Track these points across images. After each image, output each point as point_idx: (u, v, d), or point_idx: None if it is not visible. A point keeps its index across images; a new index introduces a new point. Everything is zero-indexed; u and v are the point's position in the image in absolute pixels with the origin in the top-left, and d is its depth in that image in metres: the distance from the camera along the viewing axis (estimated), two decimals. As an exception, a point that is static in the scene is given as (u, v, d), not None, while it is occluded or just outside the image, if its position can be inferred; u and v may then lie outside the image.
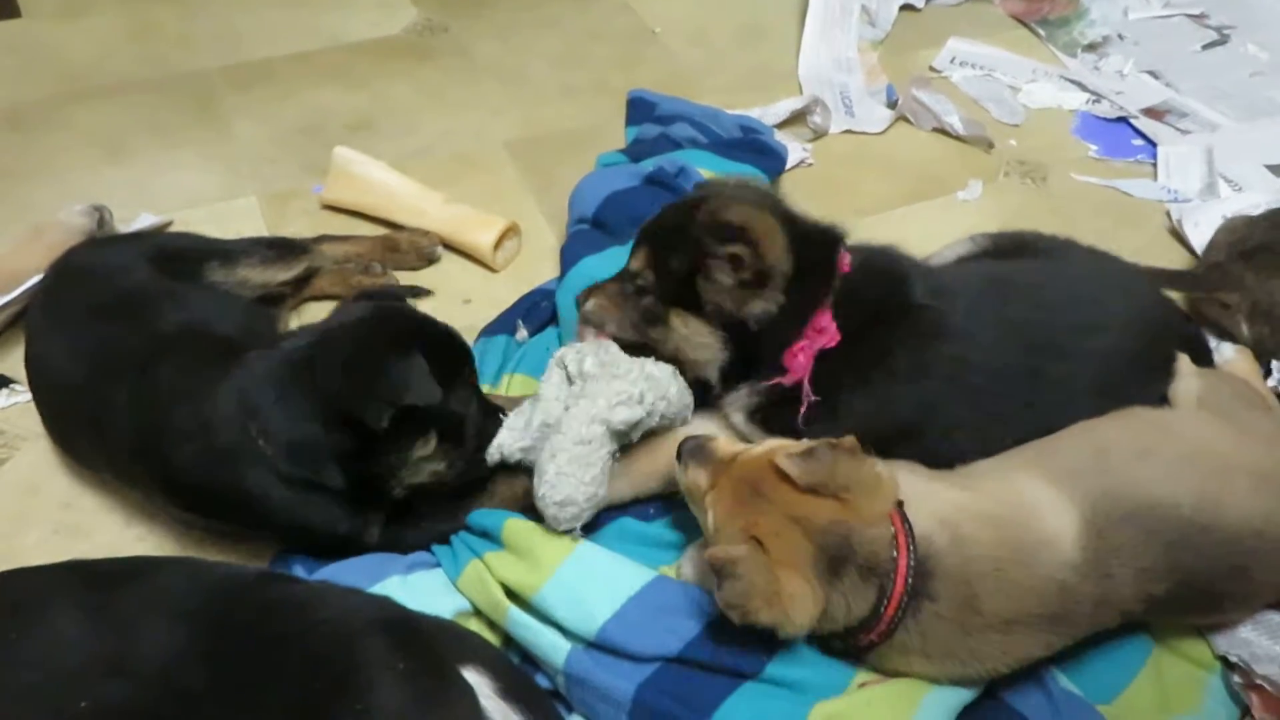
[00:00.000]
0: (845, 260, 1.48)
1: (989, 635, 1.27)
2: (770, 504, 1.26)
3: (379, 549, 1.52)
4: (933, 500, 1.32)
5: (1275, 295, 1.78)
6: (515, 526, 1.46)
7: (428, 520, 1.54)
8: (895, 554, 1.24)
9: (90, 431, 1.58)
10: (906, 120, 2.52)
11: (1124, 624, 1.42)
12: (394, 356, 1.41)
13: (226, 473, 1.44)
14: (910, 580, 1.25)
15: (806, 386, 1.44)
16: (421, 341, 1.44)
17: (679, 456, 1.39)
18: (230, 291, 1.77)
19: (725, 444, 1.37)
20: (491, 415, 1.54)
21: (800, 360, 1.44)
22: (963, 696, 1.28)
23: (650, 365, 1.49)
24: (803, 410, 1.44)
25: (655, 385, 1.47)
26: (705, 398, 1.55)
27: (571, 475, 1.41)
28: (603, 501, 1.46)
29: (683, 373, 1.52)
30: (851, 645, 1.30)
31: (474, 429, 1.51)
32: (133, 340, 1.55)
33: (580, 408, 1.44)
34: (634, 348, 1.54)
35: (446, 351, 1.49)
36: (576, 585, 1.38)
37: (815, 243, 1.48)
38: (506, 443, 1.51)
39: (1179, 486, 1.34)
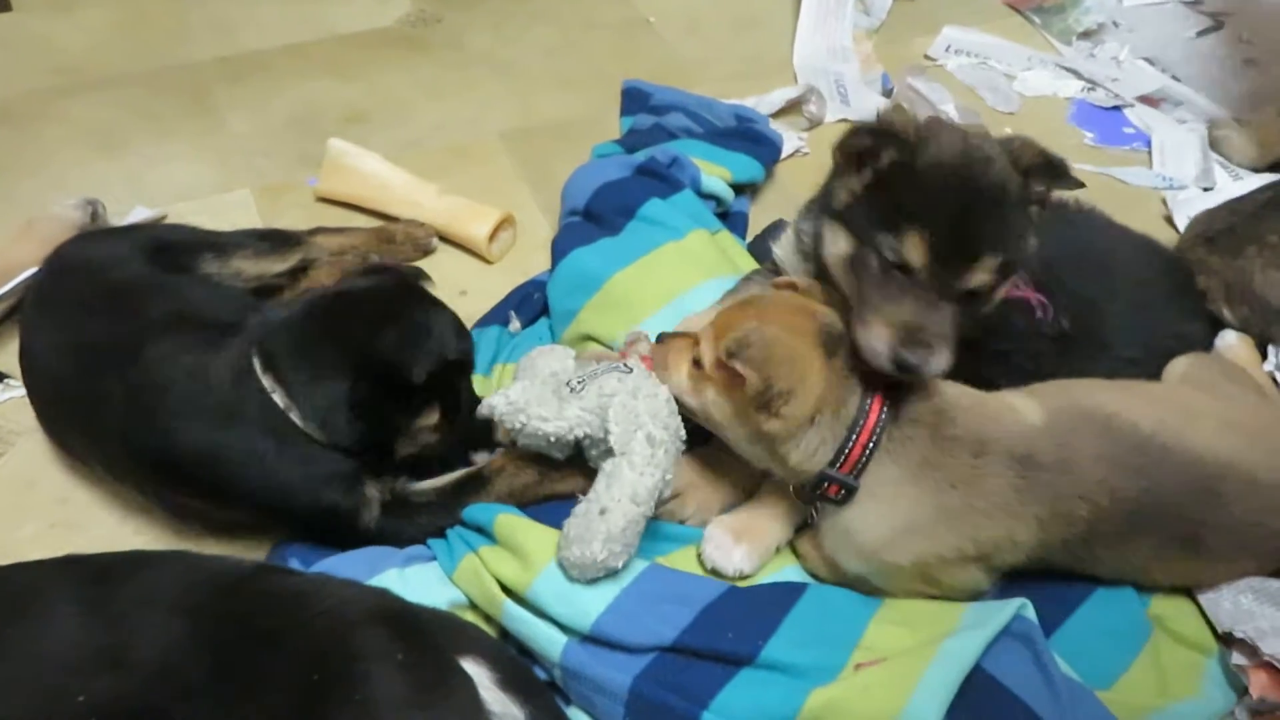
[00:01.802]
0: None
1: (961, 454, 1.34)
2: (768, 305, 1.40)
3: (376, 542, 1.52)
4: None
5: (1245, 273, 1.79)
6: (507, 522, 1.45)
7: (424, 515, 1.54)
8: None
9: (84, 425, 1.58)
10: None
11: (1121, 604, 1.44)
12: (434, 313, 1.51)
13: (229, 438, 1.44)
14: (885, 399, 1.35)
15: None
16: (446, 337, 1.50)
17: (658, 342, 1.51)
18: (224, 284, 1.76)
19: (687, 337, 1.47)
20: (477, 404, 1.58)
21: None
22: (959, 672, 1.27)
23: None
24: None
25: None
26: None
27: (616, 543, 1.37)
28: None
29: None
30: (843, 464, 1.35)
31: (465, 412, 1.55)
32: (126, 330, 1.54)
33: (646, 479, 1.39)
34: None
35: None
36: (568, 581, 1.38)
37: None
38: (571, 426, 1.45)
39: (1136, 413, 1.42)
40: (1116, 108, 2.57)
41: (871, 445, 1.34)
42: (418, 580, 1.46)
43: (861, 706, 1.25)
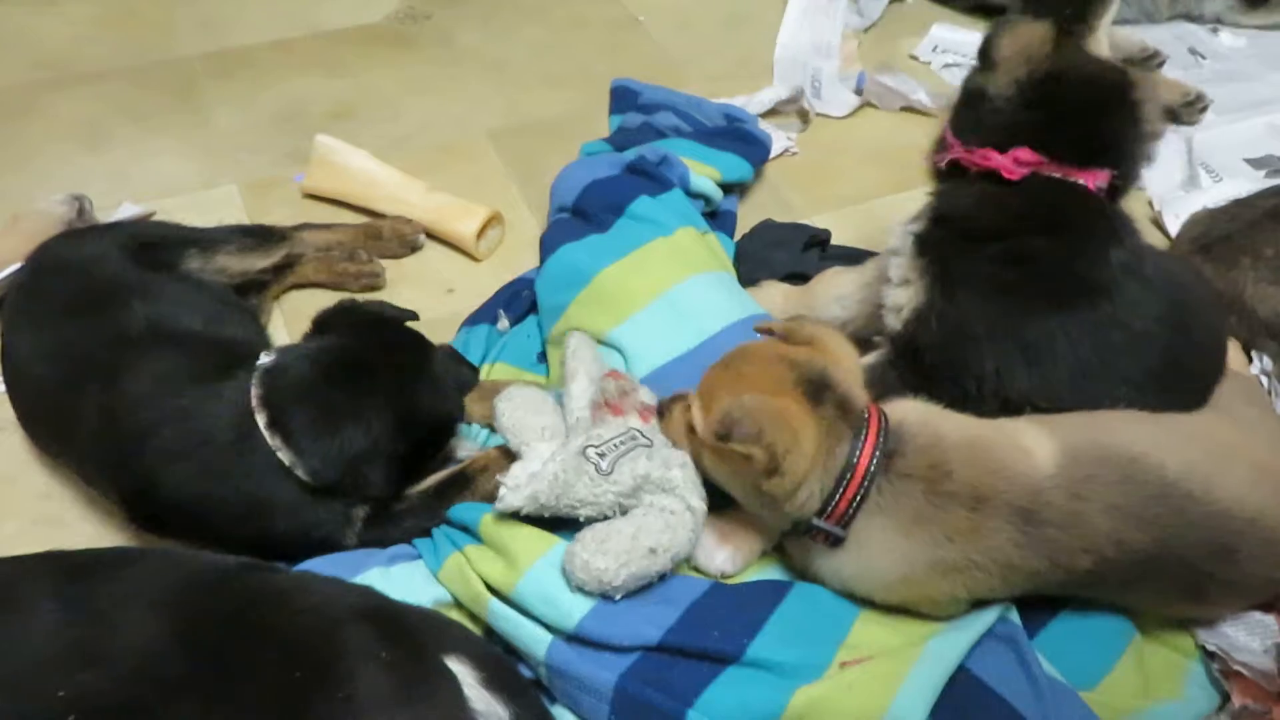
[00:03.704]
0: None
1: (956, 508, 1.29)
2: (745, 362, 1.37)
3: (362, 547, 1.51)
4: (907, 403, 1.40)
5: (1237, 284, 1.79)
6: (492, 521, 1.44)
7: (409, 519, 1.53)
8: (866, 412, 1.32)
9: (60, 435, 1.57)
10: (872, 106, 2.52)
11: (1106, 608, 1.44)
12: (436, 353, 1.55)
13: (223, 490, 1.43)
14: (881, 436, 1.31)
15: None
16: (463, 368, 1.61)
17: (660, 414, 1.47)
18: (208, 281, 1.75)
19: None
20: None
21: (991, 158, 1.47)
22: (944, 672, 1.28)
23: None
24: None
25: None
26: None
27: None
28: None
29: None
30: (830, 514, 1.32)
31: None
32: (106, 339, 1.53)
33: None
34: None
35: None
36: (551, 582, 1.36)
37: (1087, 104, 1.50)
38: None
39: (1166, 454, 1.35)
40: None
41: (859, 497, 1.30)
42: (402, 578, 1.46)
43: (846, 705, 1.25)
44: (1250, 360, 1.78)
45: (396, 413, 1.45)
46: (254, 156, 2.30)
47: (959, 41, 2.72)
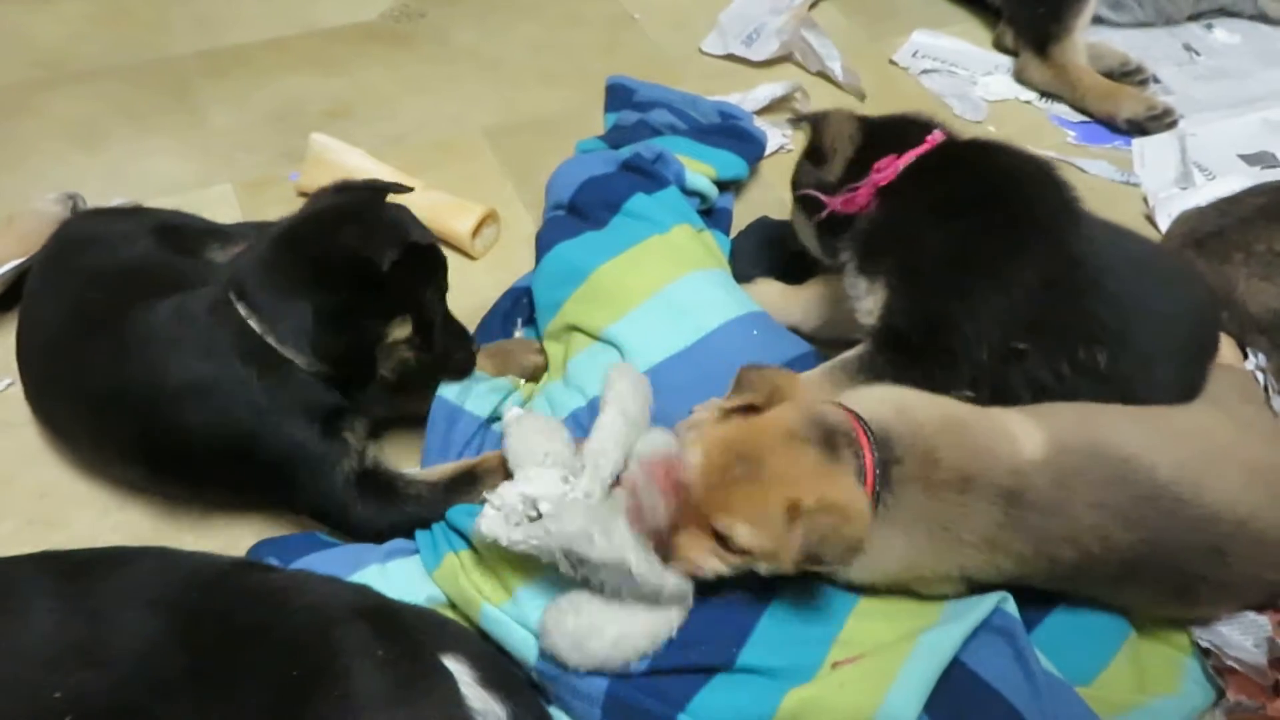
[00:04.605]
0: (936, 138, 1.67)
1: (948, 494, 1.31)
2: (754, 456, 1.28)
3: (355, 518, 1.52)
4: (874, 392, 1.41)
5: (1230, 280, 1.80)
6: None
7: (411, 505, 1.53)
8: (852, 430, 1.31)
9: (72, 391, 1.57)
10: (798, 64, 2.58)
11: (1100, 603, 1.44)
12: (391, 207, 1.54)
13: (211, 367, 1.46)
14: (873, 446, 1.30)
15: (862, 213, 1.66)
16: (408, 226, 1.53)
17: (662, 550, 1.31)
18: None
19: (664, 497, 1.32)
20: (455, 335, 1.65)
21: (859, 196, 1.65)
22: (937, 666, 1.28)
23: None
24: (848, 235, 1.66)
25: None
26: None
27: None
28: None
29: None
30: None
31: (440, 335, 1.60)
32: (125, 298, 1.55)
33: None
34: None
35: (429, 251, 1.56)
36: (535, 610, 1.35)
37: (897, 127, 1.72)
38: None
39: (1159, 455, 1.37)
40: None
41: (874, 501, 1.30)
42: (399, 575, 1.46)
43: (838, 703, 1.25)
44: (1245, 356, 1.78)
45: (325, 264, 1.46)
46: (249, 155, 2.30)
47: (940, 48, 2.72)
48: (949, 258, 1.57)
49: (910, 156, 1.64)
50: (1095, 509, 1.33)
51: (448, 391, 1.67)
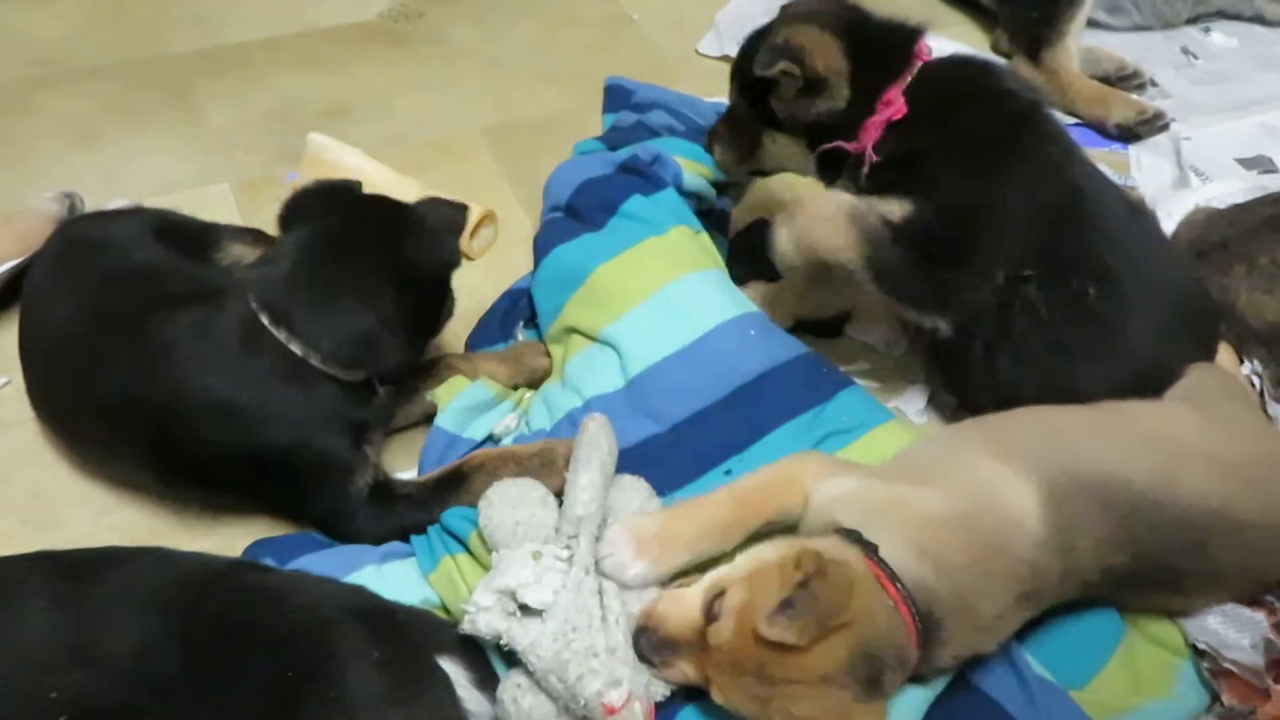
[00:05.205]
0: (924, 50, 1.66)
1: (982, 634, 1.30)
2: (787, 683, 1.17)
3: (358, 524, 1.52)
4: (896, 520, 1.29)
5: (1231, 291, 1.80)
6: (479, 542, 1.43)
7: (404, 506, 1.54)
8: (904, 625, 1.21)
9: (83, 396, 1.57)
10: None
11: (1094, 606, 1.44)
12: (419, 206, 1.60)
13: (245, 389, 1.45)
14: (916, 619, 1.22)
15: (869, 151, 1.63)
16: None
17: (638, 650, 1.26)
18: (226, 268, 1.80)
19: (673, 617, 1.25)
20: None
21: (869, 131, 1.63)
22: (932, 689, 1.28)
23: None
24: (864, 172, 1.64)
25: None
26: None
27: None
28: None
29: None
30: None
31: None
32: (138, 301, 1.56)
33: None
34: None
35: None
36: None
37: (883, 40, 1.67)
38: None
39: (1130, 465, 1.38)
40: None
41: None
42: (396, 576, 1.46)
43: None
44: (1241, 362, 1.79)
45: (390, 273, 1.49)
46: (246, 155, 2.30)
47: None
48: (969, 182, 1.58)
49: (906, 79, 1.64)
50: (1096, 546, 1.34)
51: (445, 421, 1.68)
